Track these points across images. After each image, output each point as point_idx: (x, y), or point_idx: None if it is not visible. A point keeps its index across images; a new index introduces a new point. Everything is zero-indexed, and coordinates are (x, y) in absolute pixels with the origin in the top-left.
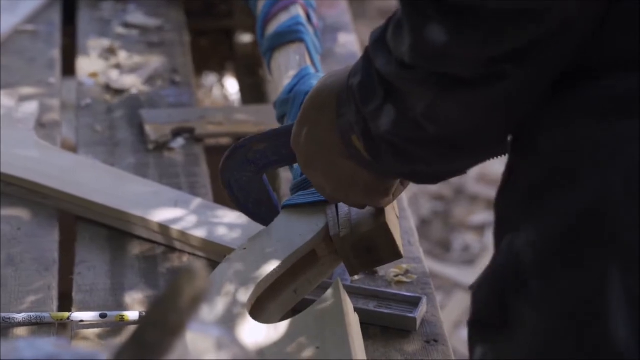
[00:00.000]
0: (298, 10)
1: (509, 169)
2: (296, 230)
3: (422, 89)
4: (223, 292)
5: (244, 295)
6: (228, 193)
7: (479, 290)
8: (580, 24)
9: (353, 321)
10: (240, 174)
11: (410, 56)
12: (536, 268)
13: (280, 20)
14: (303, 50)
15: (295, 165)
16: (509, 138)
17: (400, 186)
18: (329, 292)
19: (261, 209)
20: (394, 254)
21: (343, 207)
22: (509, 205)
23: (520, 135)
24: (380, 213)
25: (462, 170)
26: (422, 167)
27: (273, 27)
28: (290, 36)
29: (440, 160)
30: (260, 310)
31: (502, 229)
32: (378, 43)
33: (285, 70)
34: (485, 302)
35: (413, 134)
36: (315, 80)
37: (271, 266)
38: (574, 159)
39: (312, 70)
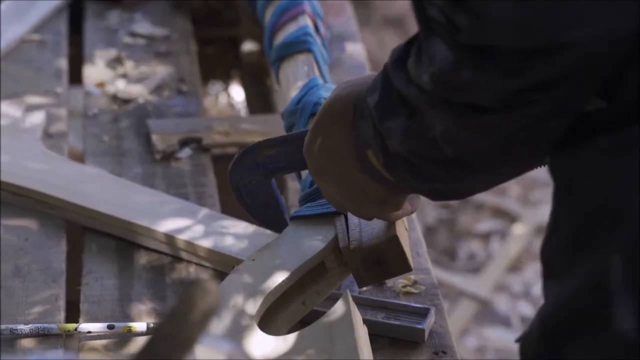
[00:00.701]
0: (306, 21)
1: (553, 217)
2: (305, 242)
3: (441, 113)
4: (231, 304)
5: (253, 307)
6: (235, 196)
7: (527, 339)
8: (605, 61)
9: (362, 333)
10: (248, 177)
11: (432, 86)
12: (586, 317)
13: (288, 31)
14: (311, 61)
15: (304, 177)
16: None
17: (414, 201)
18: (338, 304)
19: (268, 213)
20: (404, 267)
21: (352, 219)
22: (554, 253)
23: (558, 180)
24: (390, 226)
25: (479, 190)
26: (439, 185)
27: (281, 37)
28: (298, 46)
29: (455, 180)
30: (268, 321)
31: (548, 277)
32: (398, 64)
33: (294, 80)
34: (536, 351)
35: (430, 153)
36: (324, 91)
37: (280, 278)
38: (615, 199)
39: (320, 81)
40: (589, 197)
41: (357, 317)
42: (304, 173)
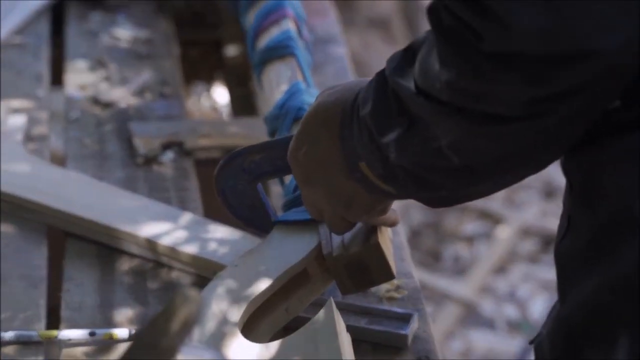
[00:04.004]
0: (289, 25)
1: (568, 218)
2: (289, 248)
3: (451, 121)
4: (214, 311)
5: (236, 314)
6: (221, 200)
7: (543, 341)
8: (628, 69)
9: (345, 340)
10: (234, 182)
11: (446, 93)
12: (608, 317)
13: (272, 34)
14: (294, 65)
15: (287, 182)
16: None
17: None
18: (322, 311)
19: (254, 215)
20: (387, 275)
21: None
22: (572, 255)
23: (577, 183)
24: (372, 233)
25: (487, 194)
26: (443, 192)
27: (264, 41)
28: (281, 51)
29: (462, 188)
30: (251, 328)
31: (566, 280)
32: (400, 72)
33: (277, 85)
34: (554, 353)
35: (436, 163)
36: (307, 95)
37: (263, 284)
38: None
39: (303, 85)
40: (611, 199)
41: (341, 324)
42: (288, 178)
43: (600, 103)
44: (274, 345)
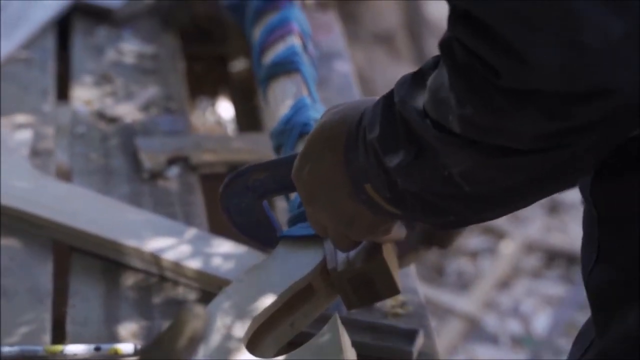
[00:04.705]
0: (294, 40)
1: (598, 248)
2: (294, 263)
3: (463, 153)
4: (219, 326)
5: (241, 329)
6: (226, 217)
7: None
8: None
9: (350, 356)
10: (239, 199)
11: (460, 126)
12: None
13: (277, 50)
14: (299, 81)
15: (293, 198)
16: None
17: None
18: (327, 326)
19: (260, 231)
20: (392, 290)
21: None
22: (608, 286)
23: (607, 212)
24: (377, 248)
25: (496, 217)
26: (452, 217)
27: (270, 57)
28: (286, 66)
29: (471, 214)
30: (256, 343)
31: (604, 311)
32: (409, 99)
33: (282, 100)
34: None
35: (446, 190)
36: (313, 111)
37: (268, 299)
38: None
39: (309, 101)
40: None
41: (346, 340)
42: (293, 194)
43: (614, 138)
44: None
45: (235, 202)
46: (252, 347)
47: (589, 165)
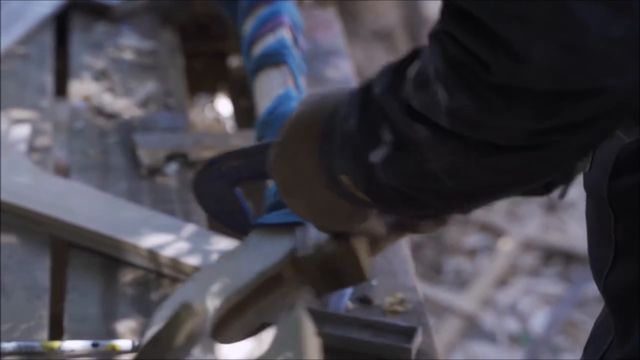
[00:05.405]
0: (284, 33)
1: (615, 248)
2: (265, 251)
3: (447, 147)
4: None
5: (209, 315)
6: (200, 204)
7: None
8: (635, 105)
9: (311, 346)
10: (213, 186)
11: (447, 120)
12: None
13: (266, 42)
14: (286, 73)
15: (270, 186)
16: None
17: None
18: (288, 316)
19: (234, 219)
20: (359, 277)
21: (313, 228)
22: (631, 287)
23: (625, 210)
24: (346, 235)
25: (476, 209)
26: (431, 210)
27: (259, 49)
28: (274, 58)
29: (452, 207)
30: (222, 330)
31: (626, 313)
32: (389, 92)
33: (268, 92)
34: None
35: (427, 184)
36: (297, 103)
37: (237, 285)
38: None
39: (294, 93)
40: None
41: (308, 328)
42: (271, 182)
43: (603, 137)
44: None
45: (209, 189)
46: (219, 333)
47: (577, 162)
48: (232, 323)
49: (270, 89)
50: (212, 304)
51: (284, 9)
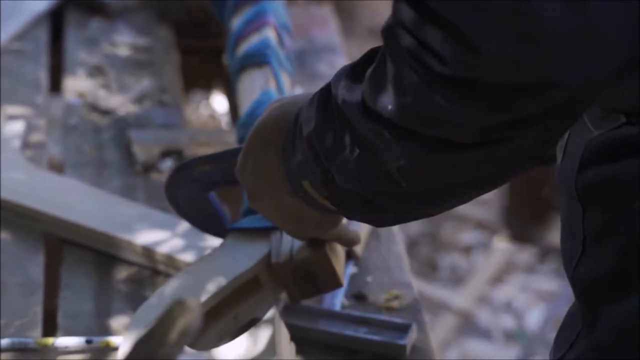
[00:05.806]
0: (268, 33)
1: (583, 242)
2: (240, 255)
3: (401, 146)
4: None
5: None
6: (174, 209)
7: None
8: (587, 99)
9: (286, 353)
10: (186, 191)
11: (399, 116)
12: None
13: (251, 42)
14: (269, 73)
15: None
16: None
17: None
18: (265, 321)
19: (210, 223)
20: (334, 283)
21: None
22: (597, 280)
23: (593, 204)
24: (321, 241)
25: (434, 215)
26: (390, 215)
27: (243, 48)
28: (257, 59)
29: (410, 210)
30: (199, 334)
31: (593, 305)
32: (345, 91)
33: (250, 93)
34: None
35: (384, 187)
36: None
37: (211, 290)
38: None
39: (274, 94)
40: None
41: (284, 334)
42: None
43: (557, 131)
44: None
45: (182, 193)
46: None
47: (532, 157)
48: (207, 327)
49: (252, 89)
50: None
51: (269, 9)
